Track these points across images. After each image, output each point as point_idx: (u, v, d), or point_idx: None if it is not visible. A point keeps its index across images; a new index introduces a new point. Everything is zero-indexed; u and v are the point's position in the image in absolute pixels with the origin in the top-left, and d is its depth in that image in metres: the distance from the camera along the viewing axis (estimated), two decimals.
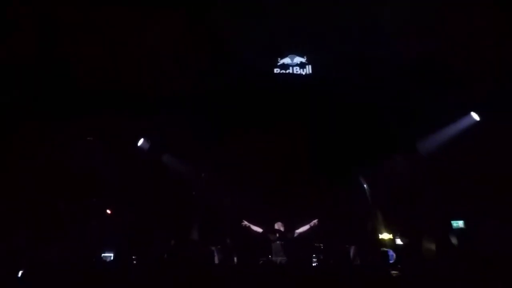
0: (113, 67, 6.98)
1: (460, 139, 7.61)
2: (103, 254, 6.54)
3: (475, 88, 7.01)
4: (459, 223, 7.30)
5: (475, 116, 7.47)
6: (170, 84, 7.94)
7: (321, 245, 7.25)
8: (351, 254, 5.48)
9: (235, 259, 5.89)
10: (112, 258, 6.38)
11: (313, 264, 6.22)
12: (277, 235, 7.25)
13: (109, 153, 7.75)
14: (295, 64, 7.78)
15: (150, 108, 7.89)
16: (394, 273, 4.73)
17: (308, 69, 7.74)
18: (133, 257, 4.92)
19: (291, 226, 7.53)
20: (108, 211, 8.01)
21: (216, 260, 6.11)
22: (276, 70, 7.81)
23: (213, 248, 6.44)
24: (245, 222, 7.59)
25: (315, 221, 7.33)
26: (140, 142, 8.32)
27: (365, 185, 9.00)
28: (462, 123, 7.69)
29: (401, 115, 7.65)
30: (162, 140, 8.62)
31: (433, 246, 4.39)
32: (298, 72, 7.73)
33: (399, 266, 6.07)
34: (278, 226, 7.48)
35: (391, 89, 7.39)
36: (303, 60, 7.78)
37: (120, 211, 7.89)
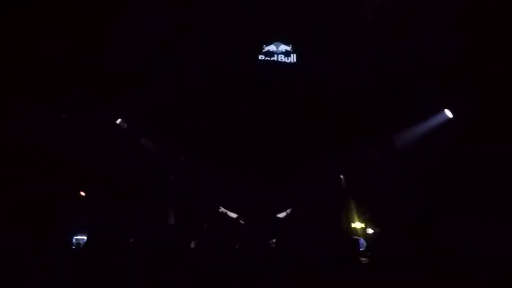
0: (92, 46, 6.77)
1: (433, 134, 7.94)
2: (75, 237, 6.46)
3: (449, 86, 7.30)
4: (428, 215, 7.65)
5: (448, 113, 7.81)
6: (150, 66, 7.81)
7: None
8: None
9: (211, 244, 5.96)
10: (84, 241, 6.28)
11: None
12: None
13: (85, 132, 7.54)
14: (280, 52, 7.79)
15: (129, 90, 7.73)
16: (363, 260, 4.96)
17: (293, 58, 7.78)
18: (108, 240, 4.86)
19: (267, 214, 7.68)
20: (82, 193, 7.82)
21: (192, 245, 6.18)
22: (261, 57, 7.80)
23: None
24: (222, 209, 7.66)
25: (289, 210, 7.50)
26: (118, 121, 8.16)
27: (341, 176, 9.26)
28: (436, 120, 8.01)
29: (379, 109, 7.86)
30: (140, 123, 8.48)
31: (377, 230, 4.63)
32: (283, 60, 7.75)
33: (368, 253, 6.37)
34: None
35: (371, 83, 7.56)
36: (288, 48, 7.80)
37: (94, 193, 7.72)
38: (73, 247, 5.65)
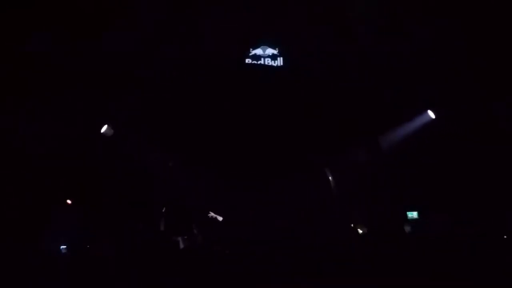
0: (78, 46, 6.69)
1: (417, 135, 8.13)
2: (62, 247, 6.30)
3: (433, 88, 7.51)
4: (413, 214, 7.82)
5: (431, 114, 8.01)
6: (137, 68, 7.75)
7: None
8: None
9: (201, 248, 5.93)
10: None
11: None
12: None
13: (71, 137, 7.40)
14: (266, 55, 7.84)
15: (115, 92, 7.65)
16: None
17: (280, 61, 7.85)
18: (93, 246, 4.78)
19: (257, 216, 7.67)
20: (69, 201, 7.65)
21: (181, 246, 6.13)
22: (248, 61, 7.83)
23: (178, 238, 6.43)
24: (212, 214, 7.61)
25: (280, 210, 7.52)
26: (104, 129, 8.04)
27: (329, 177, 9.34)
28: (419, 121, 8.21)
29: (366, 111, 8.00)
30: (128, 127, 8.38)
31: (365, 230, 4.75)
32: (270, 64, 7.81)
33: None
34: None
35: (357, 85, 7.70)
36: (275, 52, 7.86)
37: (81, 202, 7.55)
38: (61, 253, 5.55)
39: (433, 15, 6.52)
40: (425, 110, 8.03)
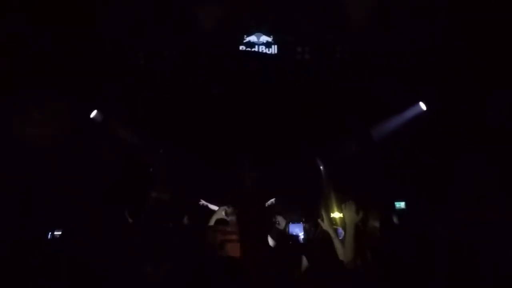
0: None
1: (408, 127, 8.21)
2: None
3: (424, 80, 7.55)
4: (401, 204, 7.95)
5: (422, 106, 8.07)
6: (128, 55, 7.62)
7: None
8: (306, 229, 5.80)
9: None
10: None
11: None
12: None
13: (60, 124, 7.24)
14: (261, 43, 7.76)
15: (106, 79, 7.51)
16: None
17: (274, 49, 7.78)
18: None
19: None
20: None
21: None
22: (242, 48, 7.74)
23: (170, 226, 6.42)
24: (203, 201, 7.61)
25: (272, 200, 7.56)
26: (93, 114, 7.91)
27: (321, 166, 9.43)
28: (411, 112, 8.27)
29: (358, 101, 8.02)
30: (118, 114, 8.27)
31: (377, 224, 4.79)
32: (264, 51, 7.73)
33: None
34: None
35: (350, 75, 7.69)
36: (269, 39, 7.78)
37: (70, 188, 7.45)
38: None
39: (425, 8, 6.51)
40: (417, 102, 8.10)
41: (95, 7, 6.34)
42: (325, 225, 3.57)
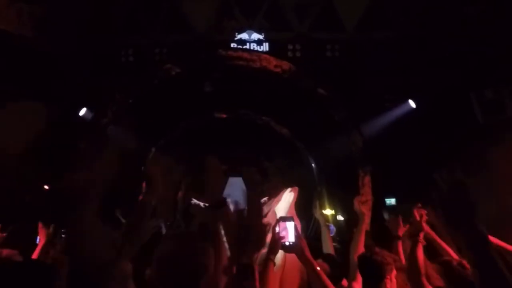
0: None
1: (397, 124, 8.29)
2: None
3: (413, 77, 7.64)
4: (391, 201, 8.04)
5: (412, 103, 8.17)
6: (118, 51, 7.52)
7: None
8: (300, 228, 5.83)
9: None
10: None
11: None
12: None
13: (48, 121, 7.09)
14: (252, 40, 7.74)
15: (95, 76, 7.40)
16: (334, 245, 5.19)
17: (265, 47, 7.76)
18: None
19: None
20: (46, 187, 7.40)
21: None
22: (233, 45, 7.70)
23: (161, 224, 6.38)
24: (195, 200, 7.59)
25: (265, 198, 7.57)
26: (83, 112, 7.78)
27: (312, 164, 9.46)
28: (400, 110, 8.37)
29: (349, 99, 8.07)
30: (109, 112, 8.14)
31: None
32: (255, 49, 7.71)
33: (338, 239, 6.67)
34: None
35: (343, 72, 7.73)
36: (261, 37, 7.76)
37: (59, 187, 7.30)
38: None
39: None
40: (406, 100, 8.18)
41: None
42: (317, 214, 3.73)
